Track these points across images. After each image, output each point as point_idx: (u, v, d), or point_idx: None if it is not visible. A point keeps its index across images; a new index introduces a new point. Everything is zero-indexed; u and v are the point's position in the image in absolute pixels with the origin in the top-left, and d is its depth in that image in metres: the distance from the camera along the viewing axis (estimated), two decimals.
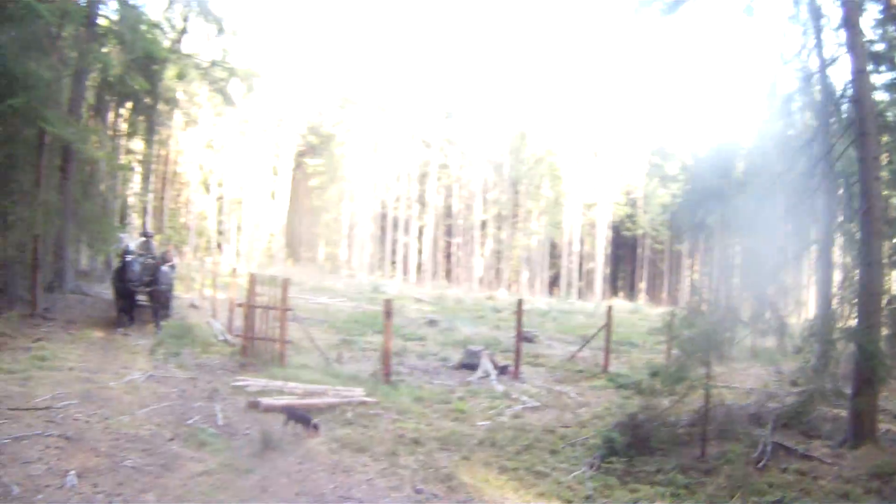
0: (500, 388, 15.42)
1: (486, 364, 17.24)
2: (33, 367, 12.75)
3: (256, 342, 15.92)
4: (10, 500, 6.77)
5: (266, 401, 11.63)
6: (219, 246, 58.72)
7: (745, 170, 10.79)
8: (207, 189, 59.75)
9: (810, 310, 18.26)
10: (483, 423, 12.11)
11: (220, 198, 59.66)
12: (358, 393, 13.09)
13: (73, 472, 7.59)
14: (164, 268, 19.82)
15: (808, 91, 10.65)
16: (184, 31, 25.75)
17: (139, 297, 19.32)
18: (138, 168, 45.03)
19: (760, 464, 8.93)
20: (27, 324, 16.98)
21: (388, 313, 15.25)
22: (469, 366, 17.75)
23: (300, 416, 10.34)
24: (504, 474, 9.27)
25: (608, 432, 10.14)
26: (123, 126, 29.79)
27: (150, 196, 53.15)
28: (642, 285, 72.18)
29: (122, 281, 18.40)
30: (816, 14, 10.51)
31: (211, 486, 7.86)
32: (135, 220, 48.31)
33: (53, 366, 13.11)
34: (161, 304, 19.59)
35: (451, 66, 68.54)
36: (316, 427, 10.22)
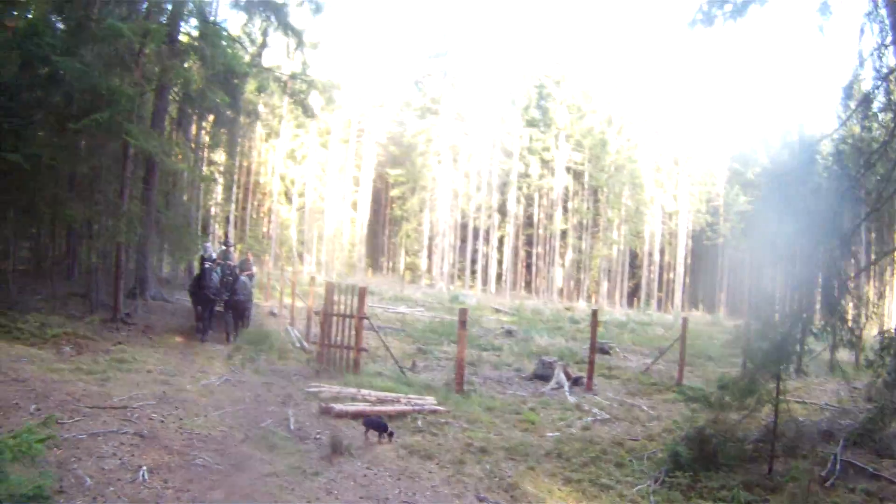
0: (571, 399, 15.34)
1: (559, 375, 17.15)
2: (112, 368, 13.18)
3: (332, 349, 16.10)
4: (83, 491, 7.01)
5: (338, 406, 11.77)
6: (299, 255, 59.55)
7: (823, 174, 10.52)
8: (289, 199, 60.71)
9: (889, 321, 17.70)
10: (552, 434, 12.06)
11: (301, 208, 60.56)
12: (429, 401, 13.17)
13: (144, 467, 7.82)
14: (243, 277, 20.09)
15: (887, 90, 10.35)
16: (263, 45, 26.22)
17: (217, 306, 19.34)
18: (220, 179, 45.97)
19: (828, 482, 8.69)
20: (108, 328, 17.57)
21: (463, 322, 15.27)
22: (542, 377, 17.70)
23: (377, 424, 10.48)
24: (568, 485, 9.24)
25: (675, 446, 9.99)
26: (205, 138, 30.51)
27: (233, 206, 54.23)
28: (723, 296, 70.85)
29: (200, 289, 18.40)
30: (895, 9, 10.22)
31: (278, 486, 8.01)
32: (217, 229, 49.38)
33: (132, 368, 13.54)
34: (238, 313, 19.78)
35: (531, 74, 68.27)
36: (391, 435, 10.37)
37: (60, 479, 7.17)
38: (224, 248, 21.54)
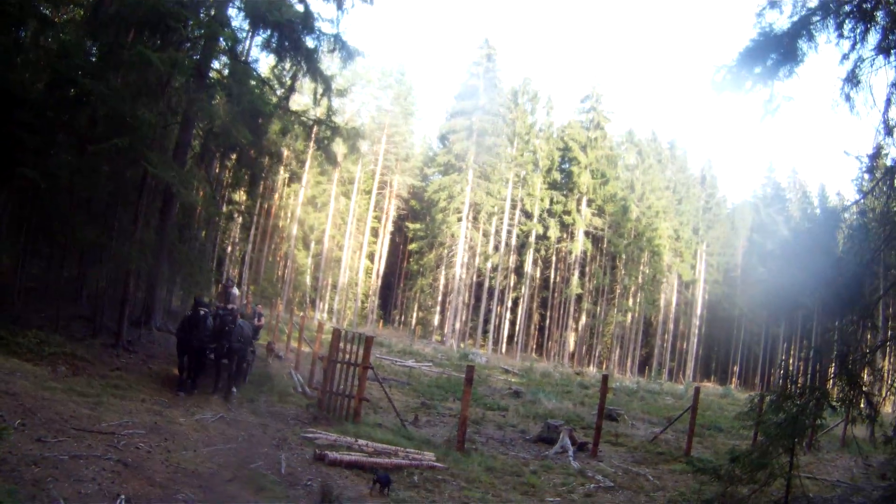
0: (575, 464, 14.88)
1: (564, 439, 16.75)
2: (106, 393, 13.00)
3: (333, 396, 15.80)
4: None
5: (333, 454, 11.44)
6: (312, 302, 59.44)
7: (844, 245, 10.23)
8: (306, 245, 60.80)
9: None
10: (553, 499, 11.66)
11: (317, 254, 60.61)
12: (428, 457, 12.83)
13: (123, 497, 7.57)
14: (242, 322, 17.49)
15: None
16: (291, 89, 26.28)
17: (208, 353, 16.32)
18: (239, 218, 46.10)
19: None
20: (109, 353, 17.34)
21: (470, 380, 14.97)
22: (547, 440, 17.31)
23: (383, 479, 10.14)
24: None
25: None
26: (227, 177, 30.57)
27: (249, 247, 54.39)
28: (736, 368, 70.27)
29: (188, 334, 15.66)
30: None
31: None
32: (231, 268, 49.45)
33: (126, 395, 13.36)
34: (234, 364, 16.87)
35: (555, 136, 68.65)
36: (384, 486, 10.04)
37: (33, 497, 6.97)
38: (224, 287, 19.38)
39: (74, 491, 7.41)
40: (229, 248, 52.10)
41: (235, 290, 19.05)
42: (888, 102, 10.07)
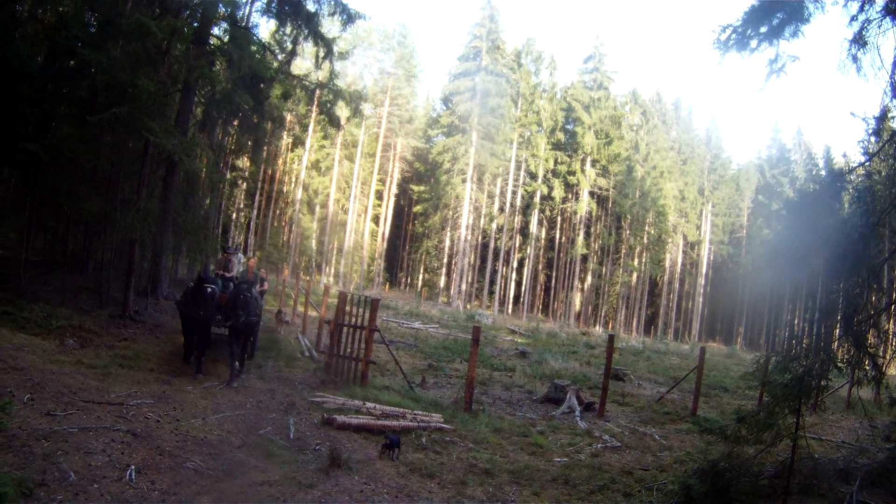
0: (582, 424, 14.99)
1: (571, 399, 16.83)
2: (114, 364, 13.11)
3: (340, 360, 15.91)
4: (66, 486, 6.85)
5: (341, 418, 11.55)
6: (318, 266, 59.49)
7: (849, 207, 10.20)
8: (311, 210, 60.71)
9: None
10: (560, 459, 11.74)
11: (322, 219, 60.54)
12: (436, 419, 12.93)
13: (133, 466, 7.67)
14: (255, 292, 15.46)
15: None
16: (293, 53, 26.13)
17: (217, 329, 15.43)
18: (243, 185, 46.02)
19: None
20: (116, 324, 17.40)
21: (476, 340, 15.02)
22: (554, 400, 17.39)
23: (393, 441, 10.28)
24: None
25: (687, 478, 9.63)
26: (229, 143, 30.51)
27: (254, 213, 54.35)
28: (741, 329, 70.42)
29: (193, 307, 14.32)
30: None
31: (269, 496, 7.78)
32: (236, 235, 49.47)
33: (134, 365, 13.47)
34: (245, 340, 15.22)
35: (559, 96, 68.24)
36: (391, 449, 10.18)
37: (44, 471, 7.04)
38: (224, 254, 17.85)
39: (85, 463, 7.50)
40: (234, 215, 52.15)
41: (240, 256, 18.43)
42: (894, 65, 10.00)
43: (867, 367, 9.30)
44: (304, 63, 42.53)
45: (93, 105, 18.37)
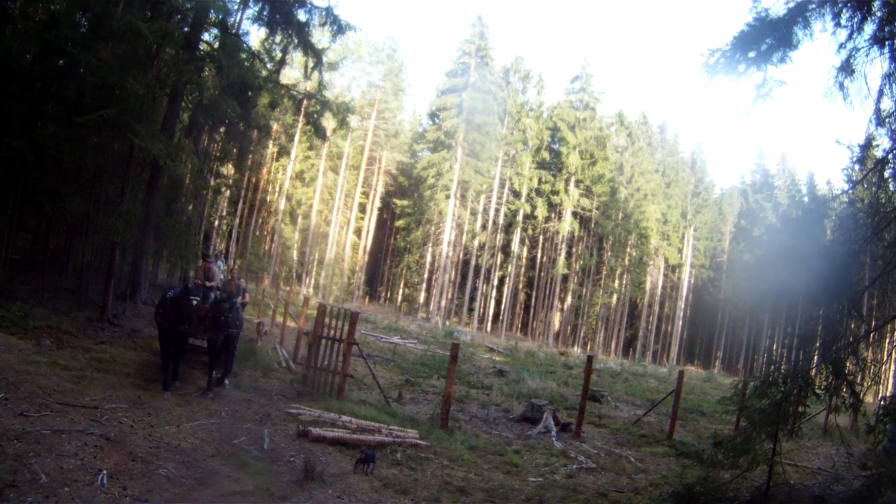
0: (558, 445, 14.95)
1: (548, 419, 16.81)
2: (90, 367, 12.99)
3: (318, 372, 15.81)
4: (36, 488, 6.77)
5: (316, 431, 11.45)
6: (298, 277, 59.34)
7: (832, 234, 10.25)
8: (293, 220, 60.58)
9: (889, 387, 17.34)
10: (535, 479, 11.69)
11: (304, 229, 60.40)
12: (412, 435, 12.85)
13: (105, 471, 7.58)
14: (237, 308, 14.97)
15: None
16: (282, 62, 26.13)
17: (195, 340, 14.50)
18: (226, 192, 45.91)
19: None
20: (94, 327, 17.29)
21: (454, 357, 14.99)
22: (531, 419, 17.36)
23: (368, 456, 10.18)
24: None
25: (662, 502, 9.63)
26: (215, 150, 30.42)
27: (237, 221, 54.23)
28: (719, 353, 70.80)
29: (175, 320, 13.21)
30: None
31: None
32: (218, 242, 49.29)
33: (110, 368, 13.32)
34: (226, 354, 14.21)
35: (545, 116, 68.51)
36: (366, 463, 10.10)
37: (14, 472, 6.97)
38: (202, 262, 16.16)
39: (56, 466, 7.41)
40: (216, 222, 52.00)
41: (220, 264, 18.01)
42: (881, 93, 10.06)
43: (845, 395, 9.32)
44: (292, 73, 42.55)
45: (80, 105, 18.32)
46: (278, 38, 25.02)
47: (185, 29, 21.23)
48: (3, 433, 7.90)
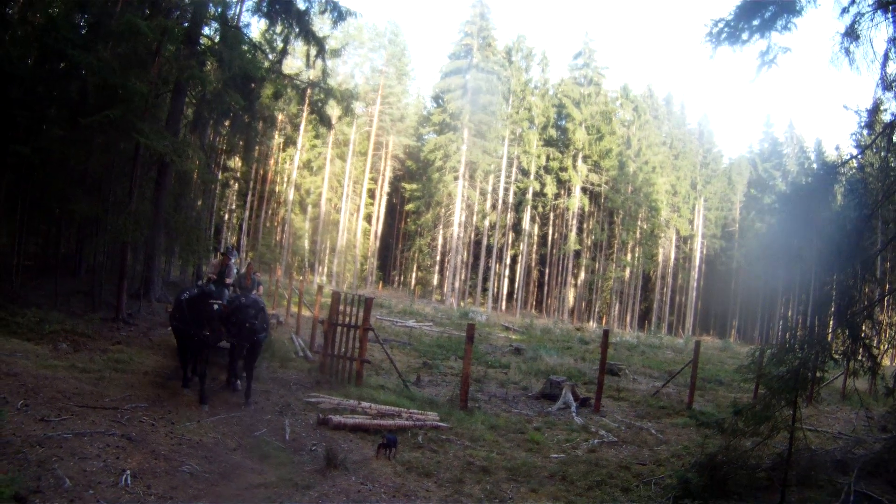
0: (579, 420, 14.97)
1: (567, 395, 16.81)
2: (108, 367, 13.00)
3: (335, 360, 15.82)
4: (61, 493, 6.78)
5: (336, 418, 11.50)
6: (310, 266, 59.43)
7: (843, 200, 10.22)
8: (303, 209, 60.64)
9: None
10: (557, 455, 11.72)
11: (314, 218, 60.45)
12: (432, 417, 12.88)
13: (128, 471, 7.61)
14: (258, 298, 13.87)
15: None
16: (284, 52, 26.11)
17: (219, 343, 13.31)
18: (234, 185, 45.96)
19: None
20: (109, 327, 17.38)
21: (471, 338, 14.97)
22: (550, 396, 17.36)
23: (390, 441, 10.27)
24: None
25: (684, 472, 9.63)
26: (221, 143, 30.45)
27: (246, 214, 54.28)
28: (735, 322, 70.65)
29: (194, 325, 12.07)
30: None
31: (266, 498, 7.75)
32: (229, 235, 49.35)
33: (128, 368, 13.33)
34: (253, 356, 12.97)
35: (551, 93, 68.29)
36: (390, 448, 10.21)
37: (38, 478, 6.97)
38: (224, 256, 15.43)
39: (80, 469, 7.45)
40: (226, 216, 52.00)
41: (234, 255, 17.08)
42: (886, 57, 10.00)
43: (862, 358, 9.31)
44: (294, 62, 42.47)
45: (83, 107, 18.31)
46: (279, 28, 25.01)
47: (185, 24, 21.27)
48: (25, 439, 7.92)
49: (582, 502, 9.14)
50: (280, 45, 25.79)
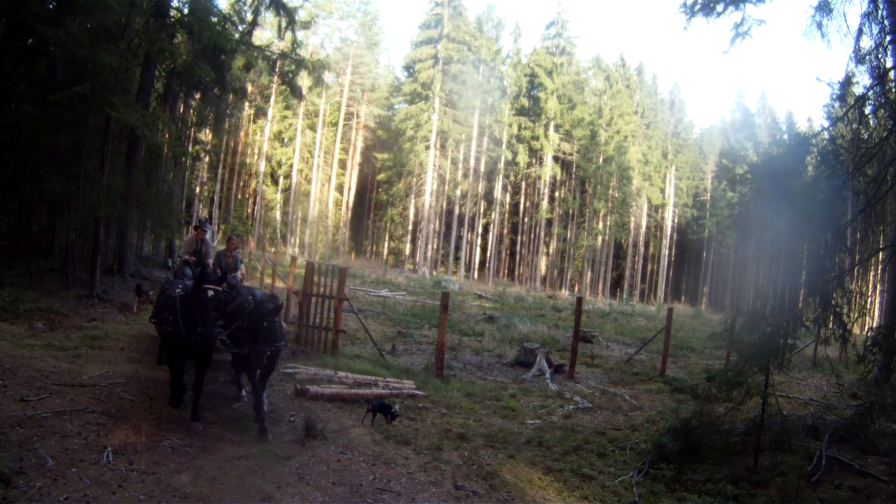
0: (553, 387, 15.17)
1: (541, 362, 17.01)
2: (85, 345, 12.89)
3: (310, 330, 15.87)
4: (44, 472, 6.77)
5: (314, 388, 11.54)
6: (283, 237, 59.28)
7: (814, 172, 10.35)
8: (274, 181, 60.39)
9: (876, 318, 17.58)
10: (532, 421, 11.90)
11: (286, 189, 60.25)
12: (408, 385, 13.01)
13: (110, 448, 7.59)
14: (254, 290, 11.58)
15: (882, 90, 10.21)
16: (254, 23, 25.86)
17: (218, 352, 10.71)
18: (206, 158, 45.64)
19: (814, 478, 8.51)
20: (83, 304, 17.25)
21: (445, 306, 15.09)
22: (524, 363, 17.56)
23: (382, 406, 10.41)
24: (548, 475, 9.03)
25: (659, 437, 9.81)
26: (191, 116, 30.21)
27: (218, 186, 53.99)
28: (706, 290, 71.38)
29: (180, 326, 9.33)
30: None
31: (247, 469, 7.78)
32: (201, 208, 49.02)
33: (104, 345, 13.24)
34: (271, 368, 10.09)
35: (522, 62, 68.19)
36: (394, 416, 10.41)
37: (21, 458, 6.94)
38: (199, 229, 14.19)
39: (61, 448, 7.42)
40: (197, 189, 51.63)
41: (208, 231, 14.69)
42: (860, 31, 10.13)
43: (833, 326, 9.49)
44: (264, 33, 42.12)
45: (52, 83, 18.03)
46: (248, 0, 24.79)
47: None
48: (5, 420, 7.87)
49: (559, 467, 9.29)
50: (250, 16, 25.54)
